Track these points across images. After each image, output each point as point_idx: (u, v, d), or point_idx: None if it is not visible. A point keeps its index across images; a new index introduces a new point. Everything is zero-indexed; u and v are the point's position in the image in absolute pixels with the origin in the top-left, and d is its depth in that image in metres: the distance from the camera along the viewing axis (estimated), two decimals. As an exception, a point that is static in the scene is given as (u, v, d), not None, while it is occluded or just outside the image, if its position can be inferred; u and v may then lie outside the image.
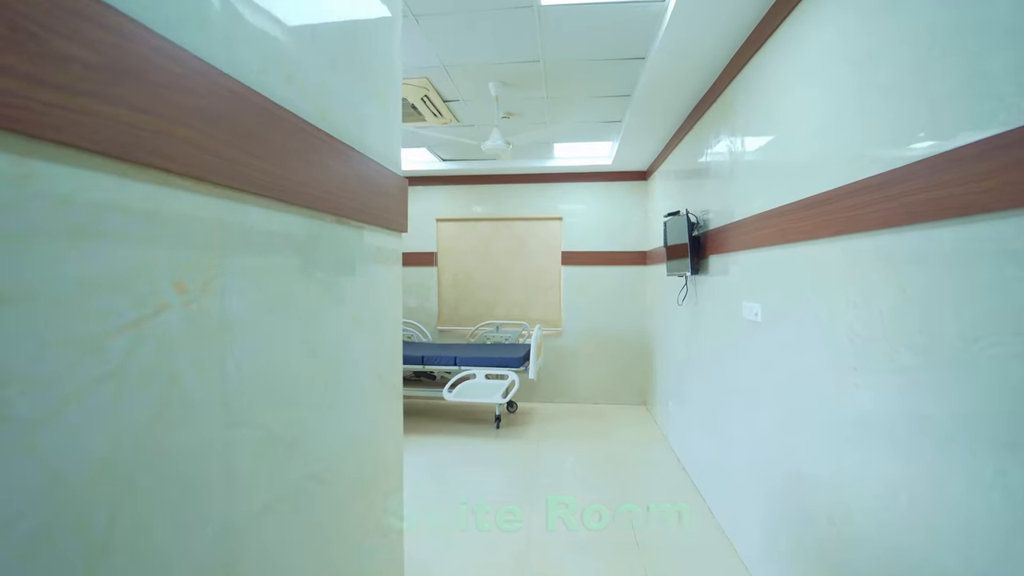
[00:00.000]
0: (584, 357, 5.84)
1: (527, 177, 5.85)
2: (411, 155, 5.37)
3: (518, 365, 4.74)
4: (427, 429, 4.86)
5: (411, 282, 6.07)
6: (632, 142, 4.54)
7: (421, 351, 5.05)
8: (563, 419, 5.21)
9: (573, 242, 5.83)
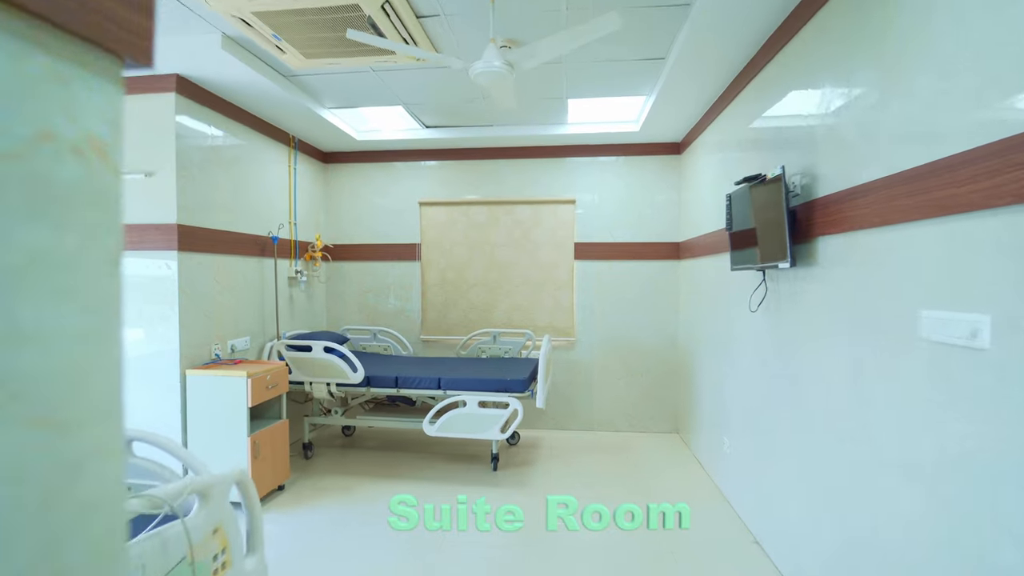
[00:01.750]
0: (602, 373, 4.71)
1: (533, 150, 4.71)
2: (383, 117, 4.22)
3: (521, 389, 3.60)
4: (401, 470, 3.71)
5: (388, 280, 4.92)
6: (675, 94, 3.40)
7: (395, 369, 3.90)
8: (577, 455, 4.07)
9: (589, 231, 4.69)
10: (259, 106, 3.62)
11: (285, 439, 3.42)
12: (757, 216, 2.43)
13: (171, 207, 3.07)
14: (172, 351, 3.10)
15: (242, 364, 3.33)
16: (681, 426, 4.50)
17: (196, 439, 3.10)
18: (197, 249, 3.22)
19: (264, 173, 3.96)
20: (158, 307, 3.10)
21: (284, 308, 4.23)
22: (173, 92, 3.05)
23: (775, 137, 2.55)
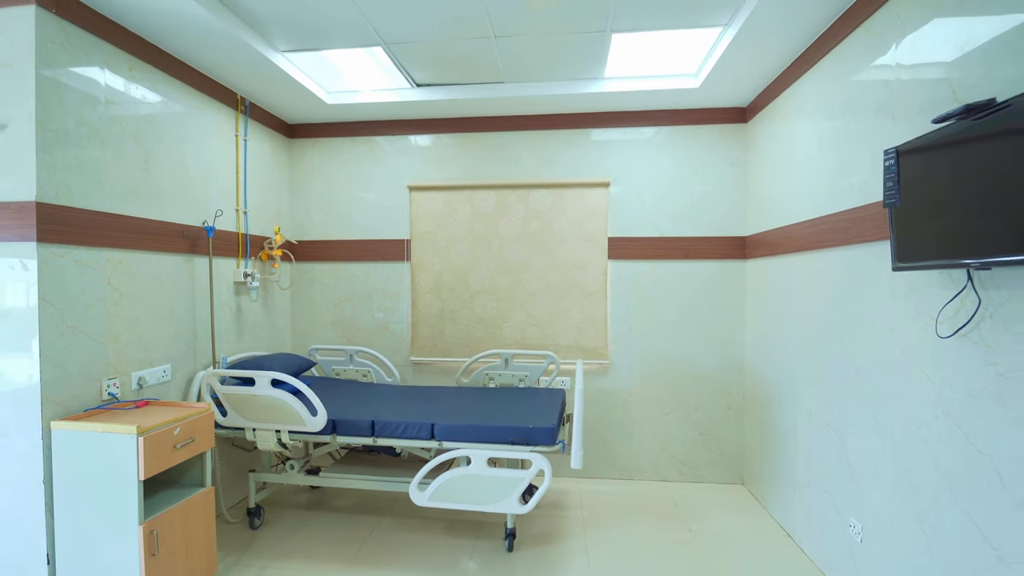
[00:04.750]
0: (644, 406, 3.65)
1: (556, 119, 3.67)
2: (360, 71, 3.18)
3: (549, 440, 2.54)
4: (379, 550, 2.65)
5: (369, 287, 3.87)
6: (766, 26, 2.37)
7: (373, 409, 2.85)
8: (619, 521, 3.00)
9: (627, 223, 3.65)
10: (180, 43, 2.59)
11: (210, 516, 2.36)
12: (979, 178, 1.39)
13: (28, 177, 2.04)
14: (29, 391, 2.06)
15: (149, 407, 2.30)
16: (750, 476, 3.43)
17: (69, 529, 2.05)
18: (75, 241, 2.18)
19: (197, 143, 2.93)
20: (12, 325, 2.06)
21: (229, 324, 3.18)
22: (32, 4, 2.02)
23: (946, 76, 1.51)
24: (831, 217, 2.38)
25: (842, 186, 2.30)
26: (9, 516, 2.08)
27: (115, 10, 2.27)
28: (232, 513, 3.09)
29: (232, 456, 3.19)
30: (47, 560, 2.06)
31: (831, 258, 2.40)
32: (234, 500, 3.20)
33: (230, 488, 3.17)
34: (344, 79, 3.30)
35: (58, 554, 2.06)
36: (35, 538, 2.06)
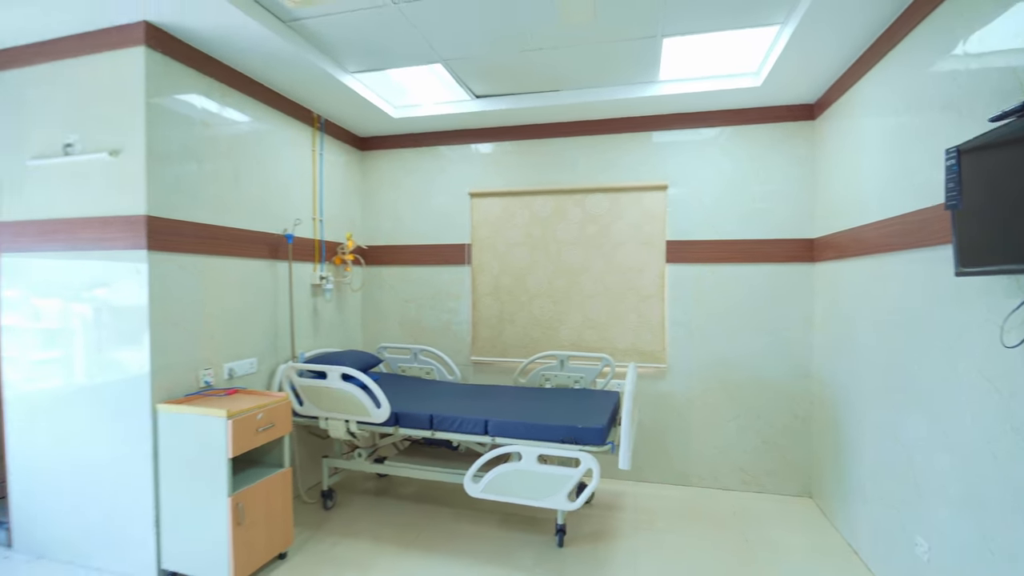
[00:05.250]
0: (703, 412, 3.59)
1: (612, 123, 3.70)
2: (423, 86, 3.38)
3: (599, 440, 2.59)
4: (437, 537, 2.81)
5: (432, 289, 4.08)
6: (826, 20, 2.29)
7: (433, 404, 3.03)
8: (674, 526, 2.99)
9: (685, 225, 3.61)
10: (264, 70, 2.90)
11: (287, 494, 2.63)
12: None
13: (139, 194, 2.38)
14: (141, 378, 2.40)
15: (238, 395, 2.59)
16: (818, 489, 3.28)
17: (171, 495, 2.37)
18: (177, 249, 2.52)
19: (279, 158, 3.25)
20: (128, 321, 2.42)
21: (306, 322, 3.49)
22: (142, 46, 2.36)
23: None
24: (896, 219, 2.26)
25: (906, 187, 2.19)
26: (123, 484, 2.44)
27: (209, 45, 2.60)
28: (308, 494, 3.39)
29: (309, 443, 3.50)
30: (154, 522, 2.40)
31: (896, 262, 2.28)
32: (310, 483, 3.50)
33: (307, 472, 3.47)
34: (408, 94, 3.52)
35: (162, 519, 2.39)
36: (144, 504, 2.40)
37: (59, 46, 2.50)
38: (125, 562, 2.46)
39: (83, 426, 2.52)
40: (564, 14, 2.43)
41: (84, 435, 2.52)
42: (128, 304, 2.41)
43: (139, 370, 2.40)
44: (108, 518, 2.48)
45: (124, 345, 2.43)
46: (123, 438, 2.44)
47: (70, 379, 2.54)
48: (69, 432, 2.55)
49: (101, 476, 2.48)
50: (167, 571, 2.40)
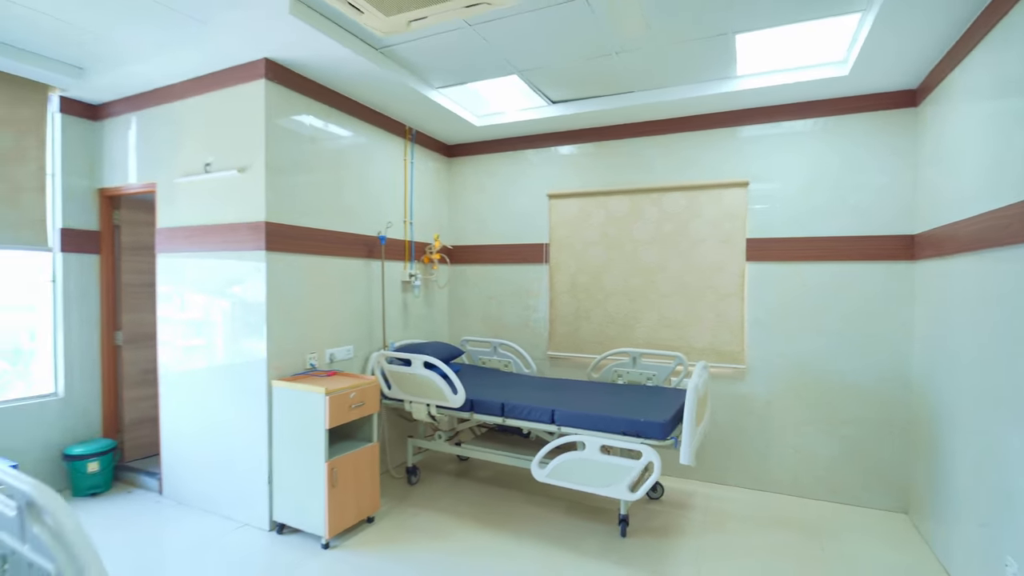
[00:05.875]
0: (784, 415, 3.45)
1: (688, 121, 3.68)
2: (503, 96, 3.60)
3: (659, 435, 2.65)
4: (508, 518, 3.01)
5: (512, 286, 4.30)
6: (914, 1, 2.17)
7: (505, 393, 3.23)
8: (744, 529, 2.94)
9: (768, 223, 3.49)
10: (360, 91, 3.28)
11: (375, 466, 2.97)
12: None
13: (260, 203, 2.83)
14: (260, 361, 2.86)
15: (336, 376, 2.98)
16: (915, 505, 3.04)
17: (280, 458, 2.80)
18: (289, 249, 2.96)
19: (374, 167, 3.64)
20: (249, 311, 2.89)
21: (396, 315, 3.86)
22: (263, 79, 2.81)
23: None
24: (997, 212, 2.08)
25: (1010, 177, 2.01)
26: (245, 447, 2.91)
27: (315, 73, 3.00)
28: (395, 470, 3.76)
29: (397, 424, 3.87)
30: (268, 480, 2.84)
31: (997, 258, 2.10)
32: (398, 461, 3.87)
33: (395, 450, 3.84)
34: (489, 103, 3.76)
35: (275, 476, 2.83)
36: (261, 463, 2.86)
37: (202, 83, 3.04)
38: (246, 512, 2.94)
39: (216, 399, 3.04)
40: (616, 31, 2.52)
41: (216, 407, 3.04)
42: (251, 297, 2.88)
43: (259, 353, 2.86)
44: (233, 475, 2.97)
45: (248, 331, 2.90)
46: (245, 410, 2.91)
47: (207, 360, 3.08)
48: (205, 404, 3.09)
49: (229, 440, 2.99)
50: (277, 522, 2.83)
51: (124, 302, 3.66)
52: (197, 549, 2.68)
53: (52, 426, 3.31)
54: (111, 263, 3.62)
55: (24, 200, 3.18)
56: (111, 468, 3.40)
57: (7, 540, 1.29)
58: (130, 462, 3.64)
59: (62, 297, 3.38)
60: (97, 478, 3.30)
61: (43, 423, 3.27)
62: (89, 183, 3.55)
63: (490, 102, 3.74)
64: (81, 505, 3.17)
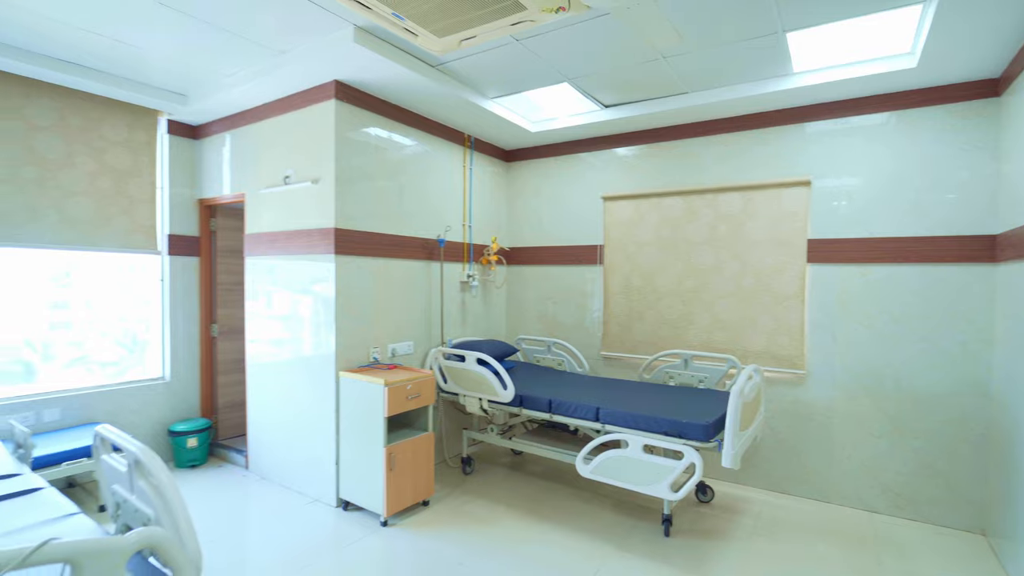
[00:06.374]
0: (847, 423, 3.31)
1: (744, 120, 3.62)
2: (557, 103, 3.72)
3: (702, 436, 2.66)
4: (556, 511, 3.13)
5: (566, 287, 4.40)
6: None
7: (554, 390, 3.35)
8: (796, 537, 2.87)
9: (830, 223, 3.37)
10: (420, 104, 3.51)
11: (430, 453, 3.19)
12: None
13: (330, 211, 3.13)
14: (330, 354, 3.16)
15: (396, 370, 3.23)
16: (993, 526, 2.84)
17: (346, 442, 3.09)
18: (356, 252, 3.24)
19: (435, 174, 3.87)
20: (320, 308, 3.20)
21: (455, 314, 4.08)
22: (333, 99, 3.11)
23: None
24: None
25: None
26: (317, 431, 3.23)
27: (379, 90, 3.27)
28: (451, 460, 3.98)
29: (454, 416, 4.09)
30: (335, 461, 3.14)
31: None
32: (454, 451, 4.09)
33: (452, 441, 4.07)
34: (543, 110, 3.89)
35: (341, 458, 3.12)
36: (330, 446, 3.16)
37: (281, 104, 3.40)
38: (317, 489, 3.26)
39: (292, 387, 3.39)
40: (649, 43, 2.57)
41: (293, 394, 3.39)
42: (323, 295, 3.19)
43: (328, 347, 3.16)
44: (307, 455, 3.30)
45: (320, 327, 3.21)
46: (317, 397, 3.23)
47: (285, 352, 3.44)
48: (284, 391, 3.45)
49: (303, 424, 3.32)
50: (343, 499, 3.12)
51: (219, 299, 4.15)
52: (274, 518, 3.02)
53: (160, 406, 3.82)
54: (209, 264, 4.11)
55: (138, 210, 3.70)
56: (207, 444, 3.87)
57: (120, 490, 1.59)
58: (222, 440, 4.12)
59: (169, 294, 3.89)
60: (195, 453, 3.78)
61: (153, 403, 3.78)
62: (191, 194, 4.05)
63: (545, 108, 3.87)
64: (181, 475, 3.64)
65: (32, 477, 1.83)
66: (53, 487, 1.78)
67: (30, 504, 1.60)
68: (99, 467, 1.72)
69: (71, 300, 3.50)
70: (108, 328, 3.66)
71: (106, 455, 1.70)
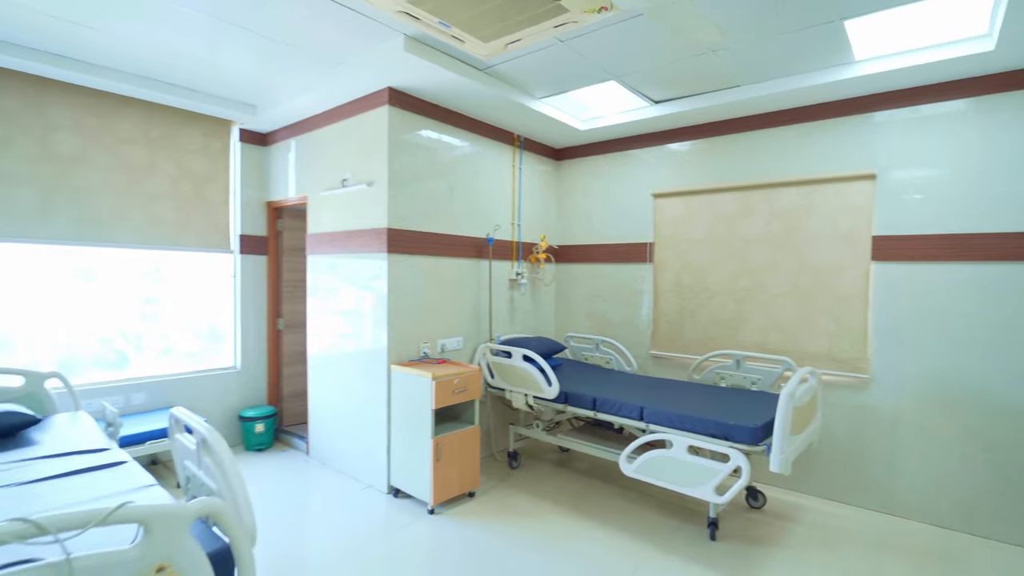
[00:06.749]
0: (915, 432, 3.12)
1: (802, 112, 3.46)
2: (605, 100, 3.71)
3: (749, 438, 2.59)
4: (601, 509, 3.14)
5: (616, 285, 4.37)
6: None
7: (599, 388, 3.35)
8: (847, 547, 2.73)
9: (898, 219, 3.17)
10: (470, 107, 3.61)
11: (476, 446, 3.28)
12: None
13: (383, 212, 3.28)
14: (382, 349, 3.32)
15: (444, 364, 3.34)
16: (1080, 549, 2.59)
17: (397, 432, 3.24)
18: (407, 251, 3.38)
19: (484, 174, 3.96)
20: (374, 304, 3.36)
21: (503, 311, 4.16)
22: (386, 105, 3.25)
23: None
24: None
25: None
26: (371, 421, 3.40)
27: (430, 95, 3.39)
28: (499, 454, 4.06)
29: (502, 412, 4.17)
30: (387, 450, 3.29)
31: None
32: (501, 446, 4.17)
33: (499, 436, 4.15)
34: (591, 108, 3.89)
35: (392, 447, 3.27)
36: (382, 435, 3.32)
37: (339, 112, 3.59)
38: (370, 476, 3.43)
39: (348, 379, 3.58)
40: (690, 40, 2.52)
41: (349, 385, 3.58)
42: (376, 292, 3.35)
43: (381, 341, 3.32)
44: (361, 444, 3.48)
45: (373, 322, 3.38)
46: (370, 389, 3.40)
47: (342, 345, 3.63)
48: (340, 382, 3.65)
49: (358, 414, 3.50)
50: (393, 487, 3.28)
51: (284, 295, 4.43)
52: (330, 501, 3.21)
53: (232, 393, 4.14)
54: (275, 262, 4.40)
55: (215, 213, 4.02)
56: (272, 430, 4.16)
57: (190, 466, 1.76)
58: (286, 427, 4.40)
59: (240, 290, 4.20)
60: (262, 437, 4.06)
61: (226, 390, 4.10)
62: (260, 196, 4.35)
63: (594, 106, 3.86)
64: (249, 458, 3.93)
65: (119, 452, 2.06)
66: (136, 462, 1.99)
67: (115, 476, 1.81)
68: (173, 445, 1.92)
69: (160, 295, 3.86)
70: (190, 321, 4.00)
71: (179, 434, 1.89)
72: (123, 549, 1.09)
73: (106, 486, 1.72)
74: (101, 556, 1.06)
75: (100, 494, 1.66)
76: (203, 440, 1.59)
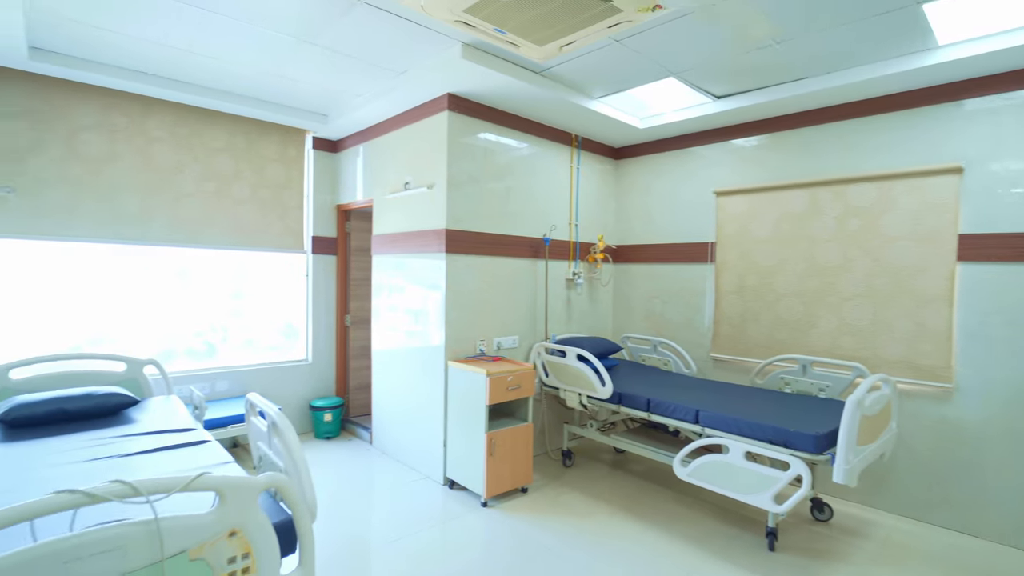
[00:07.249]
0: (1010, 448, 2.85)
1: (875, 103, 3.25)
2: (665, 97, 3.65)
3: (811, 447, 2.48)
4: (655, 512, 3.11)
5: (676, 286, 4.28)
6: None
7: (655, 390, 3.31)
8: (920, 570, 2.54)
9: (988, 216, 2.92)
10: (527, 109, 3.66)
11: (529, 443, 3.34)
12: None
13: (442, 213, 3.41)
14: (440, 346, 3.45)
15: (499, 362, 3.42)
16: None
17: (453, 426, 3.35)
18: (465, 251, 3.49)
19: (541, 175, 4.01)
20: (433, 303, 3.50)
21: (560, 311, 4.19)
22: (446, 111, 3.37)
23: None
24: None
25: None
26: (429, 414, 3.54)
27: (488, 99, 3.48)
28: (553, 452, 4.09)
29: (557, 410, 4.20)
30: (443, 443, 3.42)
31: None
32: (556, 444, 4.20)
33: (554, 434, 4.18)
34: (650, 107, 3.84)
35: (448, 440, 3.39)
36: (439, 429, 3.45)
37: (402, 119, 3.76)
38: (427, 467, 3.57)
39: (408, 374, 3.74)
40: (747, 40, 2.44)
41: (409, 380, 3.74)
42: (435, 291, 3.49)
43: (439, 338, 3.45)
44: (420, 436, 3.63)
45: (432, 320, 3.52)
46: (429, 384, 3.54)
47: (403, 341, 3.80)
48: (401, 377, 3.82)
49: (418, 407, 3.65)
50: (449, 478, 3.39)
51: (351, 292, 4.69)
52: (390, 488, 3.37)
53: (304, 384, 4.43)
54: (344, 262, 4.66)
55: (291, 216, 4.32)
56: (339, 420, 4.41)
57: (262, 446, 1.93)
58: (352, 417, 4.65)
59: (312, 288, 4.49)
60: (330, 426, 4.32)
61: (299, 380, 4.40)
62: (330, 200, 4.62)
63: (654, 104, 3.81)
64: (318, 445, 4.19)
65: (203, 433, 2.29)
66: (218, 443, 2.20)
67: (198, 453, 2.01)
68: (249, 427, 2.11)
69: (245, 291, 4.20)
70: (269, 316, 4.33)
71: (254, 417, 2.08)
72: (201, 514, 1.23)
73: (191, 461, 1.93)
74: (183, 519, 1.20)
75: (185, 467, 1.86)
76: (273, 423, 1.75)
